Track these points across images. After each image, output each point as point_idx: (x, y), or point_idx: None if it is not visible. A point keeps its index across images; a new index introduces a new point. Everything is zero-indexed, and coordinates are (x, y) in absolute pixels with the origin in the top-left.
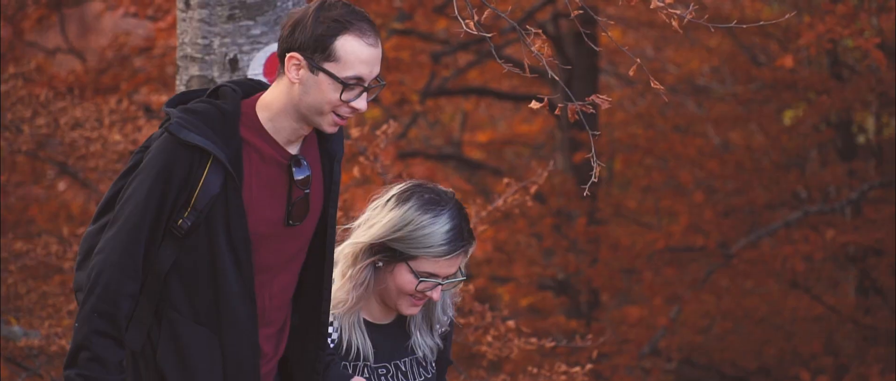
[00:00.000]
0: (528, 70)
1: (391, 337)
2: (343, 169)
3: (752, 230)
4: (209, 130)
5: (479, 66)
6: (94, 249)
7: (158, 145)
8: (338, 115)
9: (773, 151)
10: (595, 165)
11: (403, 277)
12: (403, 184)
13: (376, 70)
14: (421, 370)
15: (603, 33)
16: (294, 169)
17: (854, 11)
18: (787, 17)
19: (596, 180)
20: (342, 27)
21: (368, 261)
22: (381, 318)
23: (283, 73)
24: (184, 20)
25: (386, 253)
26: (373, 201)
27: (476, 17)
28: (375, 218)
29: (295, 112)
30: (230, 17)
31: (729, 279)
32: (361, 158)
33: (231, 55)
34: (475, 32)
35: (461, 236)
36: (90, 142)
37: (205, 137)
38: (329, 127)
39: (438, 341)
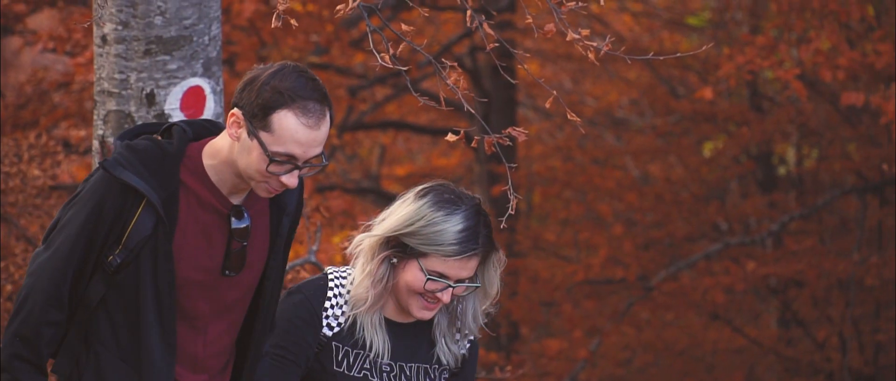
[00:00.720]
0: (444, 103)
1: (408, 338)
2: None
3: (672, 262)
4: (145, 170)
5: (397, 99)
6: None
7: (94, 179)
8: (263, 182)
9: (693, 184)
10: (512, 197)
11: (413, 274)
12: (428, 182)
13: (314, 151)
14: (427, 379)
15: (520, 66)
16: (232, 219)
17: (774, 43)
18: (705, 48)
19: (513, 213)
20: (284, 101)
21: (384, 255)
22: (401, 317)
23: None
24: (101, 55)
25: (399, 248)
26: (398, 196)
27: (392, 51)
28: (392, 212)
29: (233, 168)
30: (146, 52)
31: (649, 312)
32: None
33: (148, 90)
34: (391, 66)
35: (474, 239)
36: (9, 177)
37: (139, 177)
38: (262, 193)
39: (465, 351)
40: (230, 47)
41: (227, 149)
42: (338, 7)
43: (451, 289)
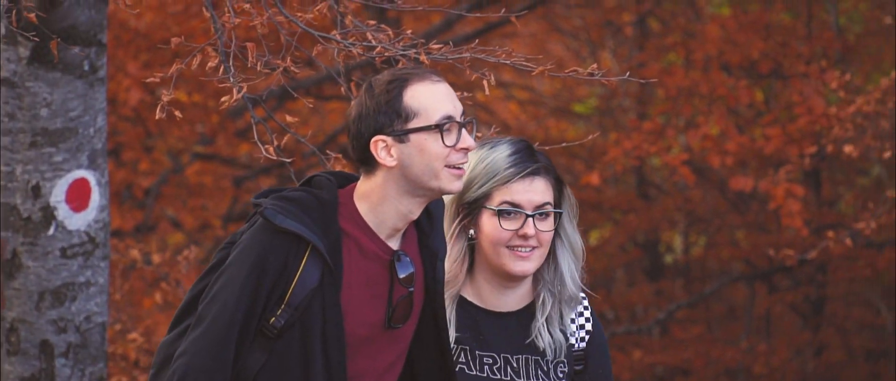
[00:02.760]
0: None
1: (512, 329)
2: (144, 294)
3: None
4: (307, 218)
5: None
6: (172, 357)
7: (251, 234)
8: (453, 167)
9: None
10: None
11: (487, 222)
12: None
13: (459, 106)
14: (539, 372)
15: None
16: (397, 265)
17: (661, 128)
18: (592, 136)
19: None
20: (401, 84)
21: (456, 226)
22: (500, 305)
23: (374, 165)
24: None
25: (466, 210)
26: None
27: (276, 142)
28: None
29: (403, 195)
30: (32, 144)
31: None
32: (163, 284)
33: (33, 182)
34: (275, 157)
35: (529, 157)
36: None
37: (303, 224)
38: (451, 184)
39: (572, 340)
40: (116, 137)
41: (383, 185)
42: (223, 98)
43: (530, 220)
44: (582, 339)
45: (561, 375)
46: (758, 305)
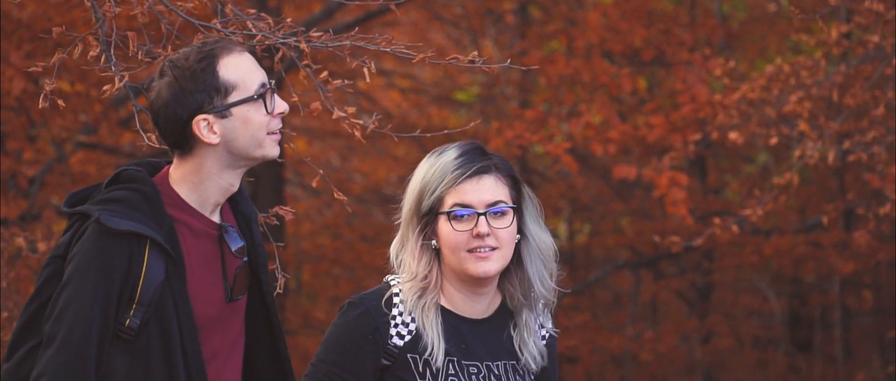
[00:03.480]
0: None
1: (488, 335)
2: (30, 282)
3: None
4: (139, 214)
5: None
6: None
7: (86, 243)
8: (273, 132)
9: None
10: (280, 276)
11: (443, 227)
12: None
13: (262, 74)
14: (516, 376)
15: (287, 145)
16: (226, 238)
17: (543, 117)
18: (473, 124)
19: (281, 292)
20: (211, 59)
21: (416, 235)
22: (473, 312)
23: (192, 145)
24: None
25: (424, 218)
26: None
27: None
28: (404, 200)
29: (224, 169)
30: None
31: None
32: None
33: None
34: (158, 146)
35: (476, 155)
36: None
37: (138, 222)
38: (273, 149)
39: (542, 347)
40: None
41: (200, 164)
42: (105, 87)
43: (482, 218)
44: (543, 337)
45: (532, 377)
46: (643, 292)
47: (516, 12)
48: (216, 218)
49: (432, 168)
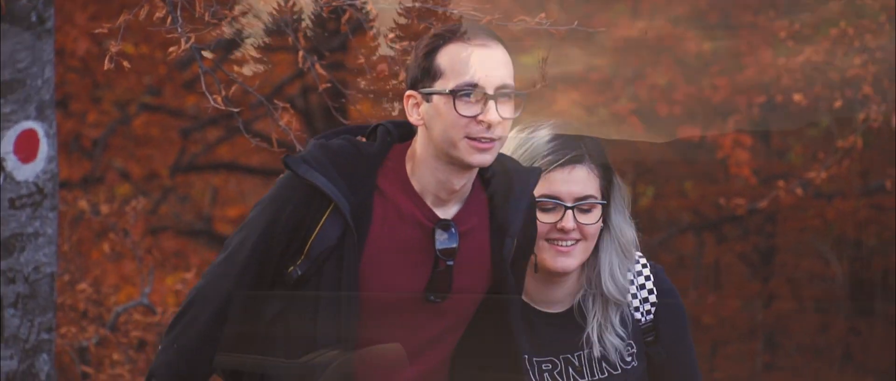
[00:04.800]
0: (276, 144)
1: (561, 328)
2: (92, 244)
3: None
4: (336, 172)
5: (229, 141)
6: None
7: (279, 180)
8: (474, 139)
9: None
10: None
11: None
12: None
13: (499, 74)
14: (604, 365)
15: (352, 107)
16: (436, 235)
17: (608, 79)
18: (538, 86)
19: None
20: (442, 40)
21: None
22: (547, 305)
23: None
24: None
25: None
26: None
27: (224, 93)
28: None
29: (433, 160)
30: None
31: None
32: (111, 234)
33: None
34: (223, 108)
35: (570, 144)
36: None
37: (327, 178)
38: (472, 157)
39: (638, 315)
40: (64, 88)
41: (419, 145)
42: (170, 49)
43: (569, 212)
44: (648, 312)
45: (629, 358)
46: (706, 255)
47: None
48: (444, 212)
49: (521, 148)
